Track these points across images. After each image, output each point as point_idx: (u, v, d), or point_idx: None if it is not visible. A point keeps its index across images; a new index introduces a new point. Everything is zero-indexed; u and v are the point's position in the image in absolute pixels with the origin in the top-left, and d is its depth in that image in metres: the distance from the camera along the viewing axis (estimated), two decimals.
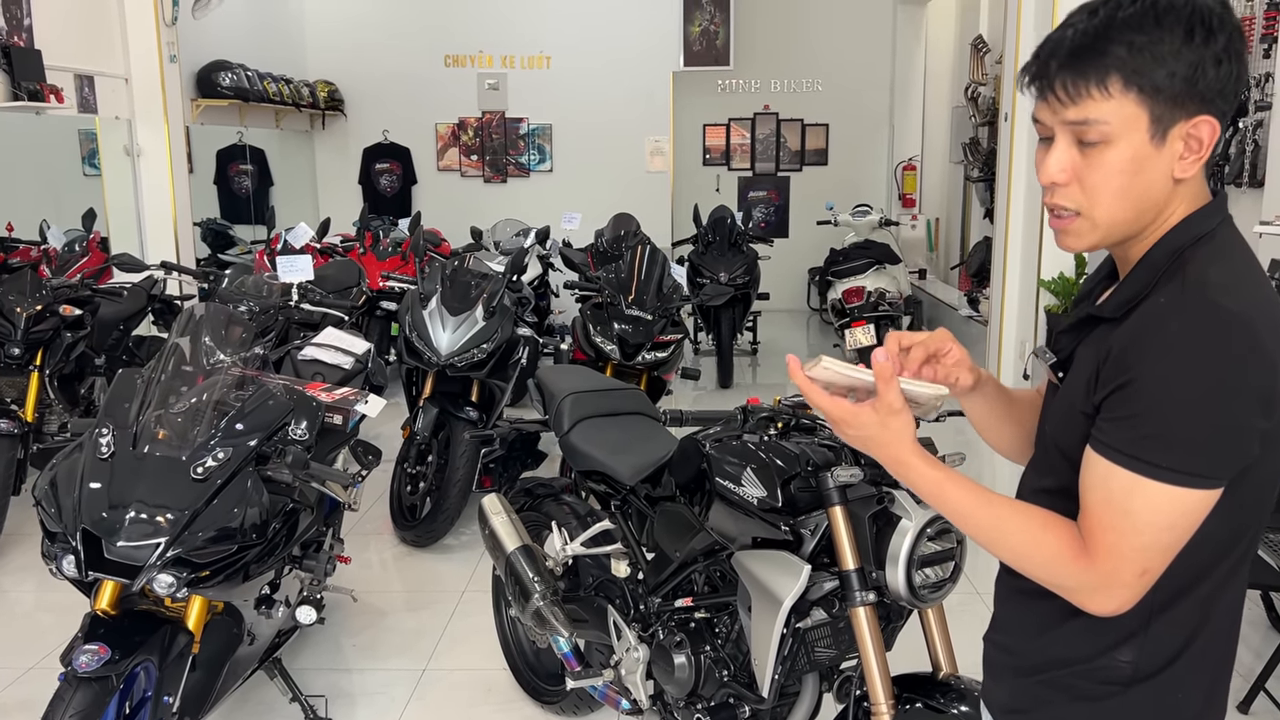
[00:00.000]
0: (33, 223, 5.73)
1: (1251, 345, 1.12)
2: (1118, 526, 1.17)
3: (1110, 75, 1.16)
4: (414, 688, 3.39)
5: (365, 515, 4.84)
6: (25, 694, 3.30)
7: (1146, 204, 1.21)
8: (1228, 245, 1.23)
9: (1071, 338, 1.32)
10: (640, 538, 2.71)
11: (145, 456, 2.45)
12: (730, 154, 11.10)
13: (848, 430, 1.31)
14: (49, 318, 4.50)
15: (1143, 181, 1.19)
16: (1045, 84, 1.21)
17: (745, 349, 8.70)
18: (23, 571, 4.25)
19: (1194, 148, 1.19)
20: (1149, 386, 1.14)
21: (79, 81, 5.94)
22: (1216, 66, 1.16)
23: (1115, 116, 1.17)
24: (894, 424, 1.29)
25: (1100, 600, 1.20)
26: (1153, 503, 1.15)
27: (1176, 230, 1.23)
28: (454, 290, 4.72)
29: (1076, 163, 1.21)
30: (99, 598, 2.41)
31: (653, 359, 5.15)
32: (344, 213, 8.94)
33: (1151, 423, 1.14)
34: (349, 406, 3.01)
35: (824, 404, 1.31)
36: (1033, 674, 1.33)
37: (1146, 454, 1.14)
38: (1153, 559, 1.18)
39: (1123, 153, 1.18)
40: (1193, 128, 1.17)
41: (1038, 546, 1.23)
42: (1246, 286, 1.18)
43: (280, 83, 8.24)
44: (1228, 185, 5.54)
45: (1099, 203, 1.21)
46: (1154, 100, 1.16)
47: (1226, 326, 1.13)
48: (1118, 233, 1.24)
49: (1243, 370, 1.12)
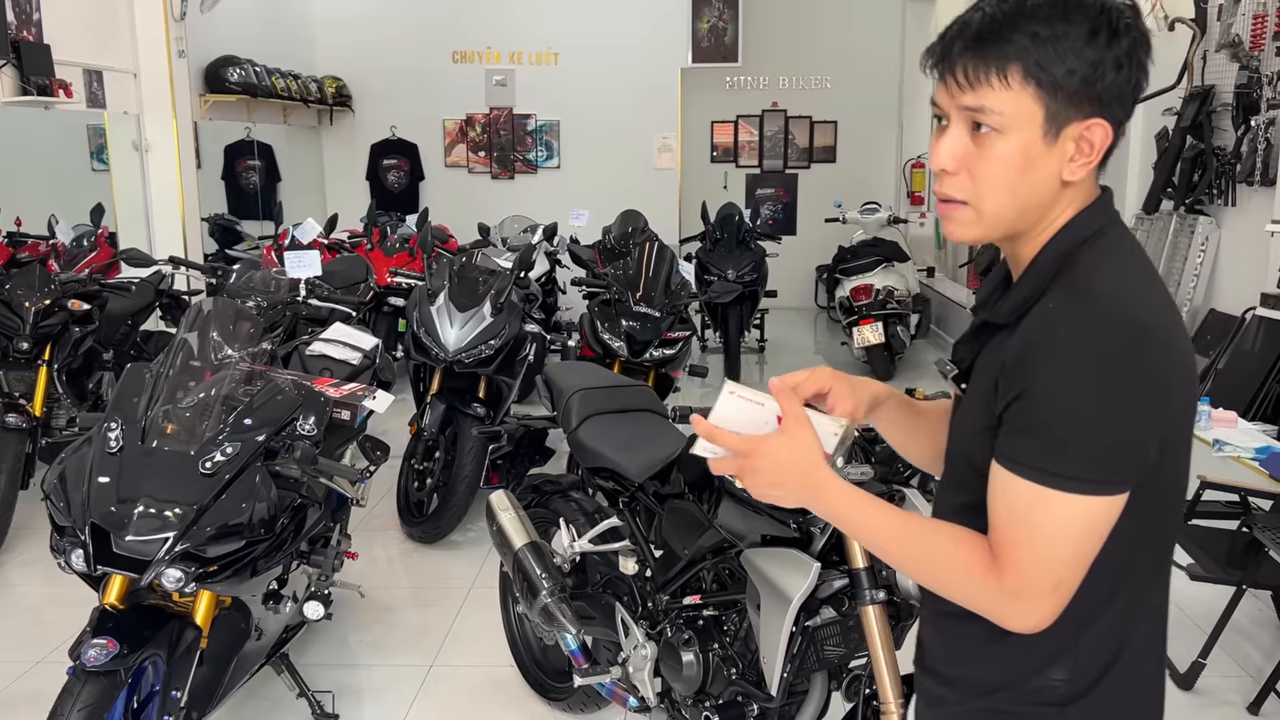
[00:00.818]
0: (41, 217, 5.74)
1: (1142, 350, 1.11)
2: (1024, 540, 1.14)
3: (1011, 65, 1.14)
4: (421, 684, 3.39)
5: (372, 511, 4.84)
6: (33, 687, 3.31)
7: (1033, 202, 1.19)
8: (1116, 245, 1.21)
9: (970, 347, 1.30)
10: (648, 535, 2.70)
11: (154, 451, 2.45)
12: (738, 151, 11.08)
13: (758, 462, 1.24)
14: (57, 312, 4.50)
15: (1031, 179, 1.17)
16: (946, 67, 1.18)
17: (752, 346, 8.69)
18: (31, 565, 4.26)
19: (1085, 150, 1.17)
20: (1043, 397, 1.11)
21: (88, 76, 5.94)
22: (1117, 70, 1.15)
23: (1010, 108, 1.15)
24: (802, 436, 1.25)
25: (1017, 616, 1.17)
26: (1057, 514, 1.12)
27: (1064, 232, 1.21)
28: (462, 286, 4.71)
29: (969, 151, 1.18)
30: (107, 592, 2.41)
31: (660, 356, 5.14)
32: (351, 208, 8.93)
33: (1050, 434, 1.12)
34: (357, 402, 3.01)
35: (731, 441, 1.27)
36: (968, 701, 1.29)
37: (1047, 465, 1.12)
38: (1064, 571, 1.14)
39: (1014, 146, 1.16)
40: (1086, 130, 1.16)
41: (949, 564, 1.20)
42: (1136, 288, 1.17)
43: (288, 78, 8.24)
44: (1240, 184, 5.51)
45: (985, 195, 1.19)
46: (1051, 96, 1.14)
47: (1116, 333, 1.11)
48: (1001, 228, 1.22)
49: (1134, 377, 1.10)
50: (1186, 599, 3.88)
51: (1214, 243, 5.83)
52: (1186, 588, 3.66)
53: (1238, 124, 5.43)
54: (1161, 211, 6.29)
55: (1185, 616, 3.81)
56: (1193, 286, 5.88)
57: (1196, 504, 3.63)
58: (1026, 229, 1.22)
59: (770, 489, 1.26)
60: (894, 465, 2.08)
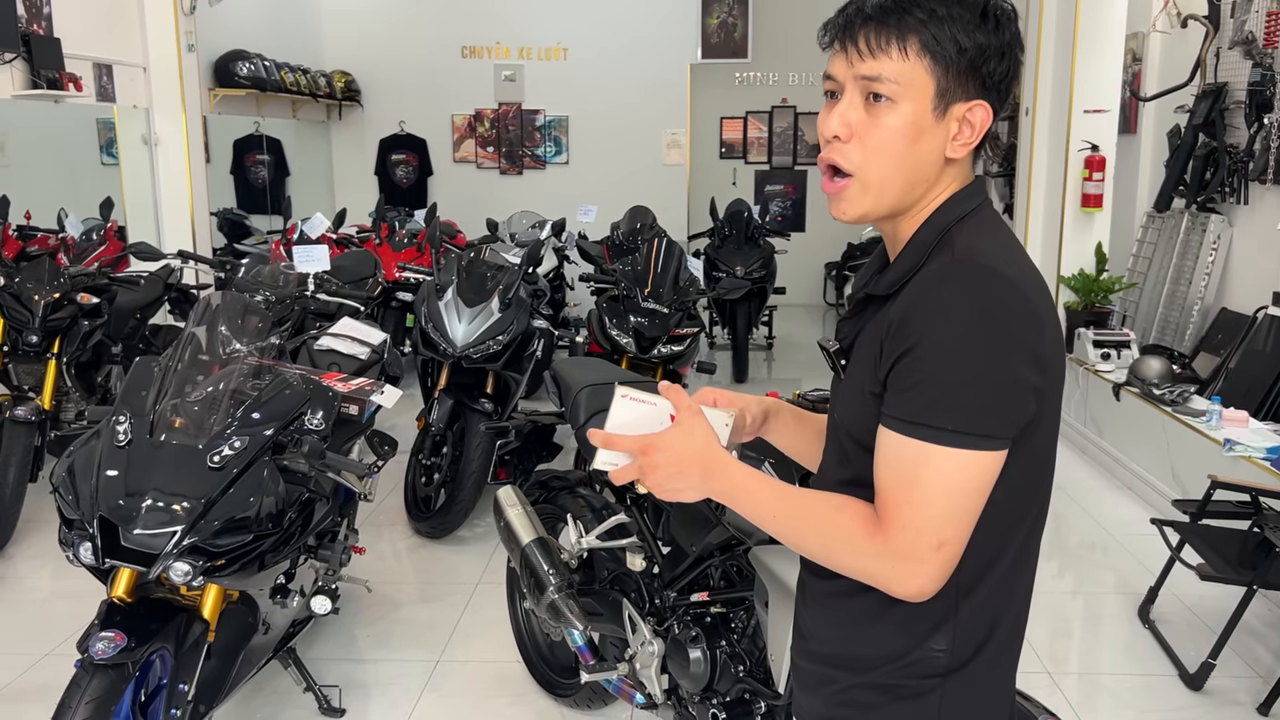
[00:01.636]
0: (51, 211, 5.75)
1: (1022, 304, 1.17)
2: (909, 499, 1.17)
3: (910, 36, 1.20)
4: (427, 679, 3.39)
5: (379, 506, 4.85)
6: (41, 680, 3.31)
7: (918, 175, 1.25)
8: (990, 221, 1.28)
9: (852, 324, 1.35)
10: (656, 531, 2.70)
11: (162, 445, 2.45)
12: (747, 147, 11.06)
13: (657, 457, 1.26)
14: (66, 305, 4.51)
15: (918, 151, 1.23)
16: (849, 36, 1.23)
17: (760, 343, 8.68)
18: (39, 558, 4.27)
19: (967, 131, 1.24)
20: (928, 352, 1.15)
21: (97, 70, 5.95)
22: (1000, 58, 1.22)
23: (906, 78, 1.21)
24: (696, 425, 1.28)
25: (904, 580, 1.18)
26: (941, 469, 1.15)
27: (943, 209, 1.27)
28: (470, 282, 4.71)
29: (861, 120, 1.23)
30: (115, 585, 2.41)
31: (668, 352, 5.13)
32: (360, 203, 8.94)
33: (933, 388, 1.15)
34: (365, 397, 3.00)
35: (630, 444, 1.28)
36: (849, 678, 1.31)
37: (931, 419, 1.15)
38: (947, 529, 1.17)
39: (906, 116, 1.21)
40: (969, 110, 1.23)
41: (835, 531, 1.22)
42: (1008, 253, 1.23)
43: (297, 73, 8.25)
44: (1252, 182, 5.48)
45: (872, 164, 1.24)
46: (943, 72, 1.21)
47: (997, 287, 1.16)
48: (886, 202, 1.26)
49: (1015, 328, 1.15)
50: (1196, 599, 3.86)
51: (1226, 241, 5.80)
52: (1197, 587, 3.65)
53: (1250, 122, 5.40)
54: (1173, 210, 6.26)
55: (1195, 617, 3.79)
56: (1204, 285, 5.85)
57: (1207, 503, 3.62)
58: (909, 206, 1.27)
59: (672, 482, 1.27)
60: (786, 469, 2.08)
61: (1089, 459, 5.69)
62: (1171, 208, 6.27)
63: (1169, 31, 6.26)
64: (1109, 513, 4.92)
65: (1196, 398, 4.86)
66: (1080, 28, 5.94)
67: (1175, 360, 5.42)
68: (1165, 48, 6.52)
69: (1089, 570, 4.37)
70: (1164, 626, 3.70)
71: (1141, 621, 3.77)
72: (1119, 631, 3.76)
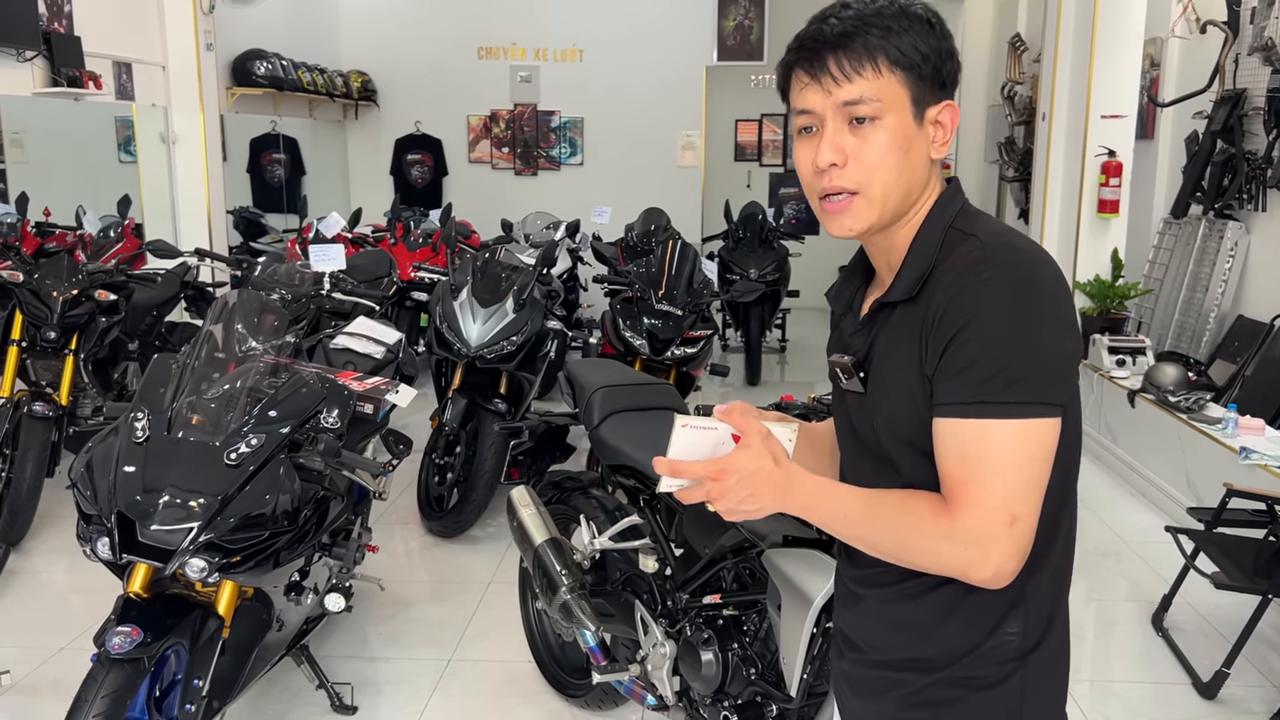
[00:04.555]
0: (69, 208, 5.79)
1: (1058, 278, 1.22)
2: (976, 478, 1.18)
3: (879, 54, 1.25)
4: (439, 677, 3.40)
5: (392, 505, 4.86)
6: (57, 673, 3.34)
7: (915, 181, 1.30)
8: (983, 213, 1.34)
9: (864, 336, 1.37)
10: (669, 533, 2.70)
11: (179, 441, 2.47)
12: (762, 150, 11.05)
13: (728, 480, 1.22)
14: (84, 302, 4.54)
15: (911, 159, 1.28)
16: (819, 66, 1.27)
17: (773, 346, 8.66)
18: (55, 552, 4.30)
19: (942, 131, 1.30)
20: (979, 332, 1.18)
21: (117, 68, 5.99)
22: (950, 59, 1.30)
23: (885, 94, 1.25)
24: (764, 445, 1.24)
25: (980, 561, 1.19)
26: (1005, 443, 1.17)
27: (935, 212, 1.32)
28: (485, 282, 4.72)
29: (850, 144, 1.27)
30: (132, 580, 2.43)
31: (682, 354, 5.14)
32: (375, 203, 8.97)
33: (988, 365, 1.17)
34: (380, 396, 3.01)
35: (698, 470, 1.24)
36: (923, 678, 1.31)
37: (989, 395, 1.17)
38: (1017, 502, 1.18)
39: (893, 129, 1.26)
40: (939, 112, 1.30)
41: (905, 519, 1.22)
42: (1017, 234, 1.29)
43: (314, 72, 8.28)
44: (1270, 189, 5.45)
45: (876, 179, 1.27)
46: (915, 81, 1.26)
47: (1036, 264, 1.22)
48: (890, 210, 1.30)
49: (1057, 300, 1.21)
50: (1211, 607, 3.84)
51: (1243, 248, 5.76)
52: (1211, 596, 3.63)
53: (1269, 129, 5.36)
54: (1190, 216, 6.22)
55: (1209, 625, 3.77)
56: (1220, 292, 5.82)
57: (1222, 511, 3.60)
58: (905, 212, 1.31)
59: (745, 504, 1.23)
60: None
61: (1104, 465, 5.66)
62: (1189, 214, 6.24)
63: (1187, 37, 6.23)
64: (1123, 520, 4.90)
65: (1212, 405, 4.83)
66: (1098, 32, 5.92)
67: (1191, 367, 5.39)
68: (1184, 53, 6.49)
69: (1102, 577, 4.35)
70: (1178, 635, 3.68)
71: (1155, 629, 3.76)
72: (1132, 639, 3.75)
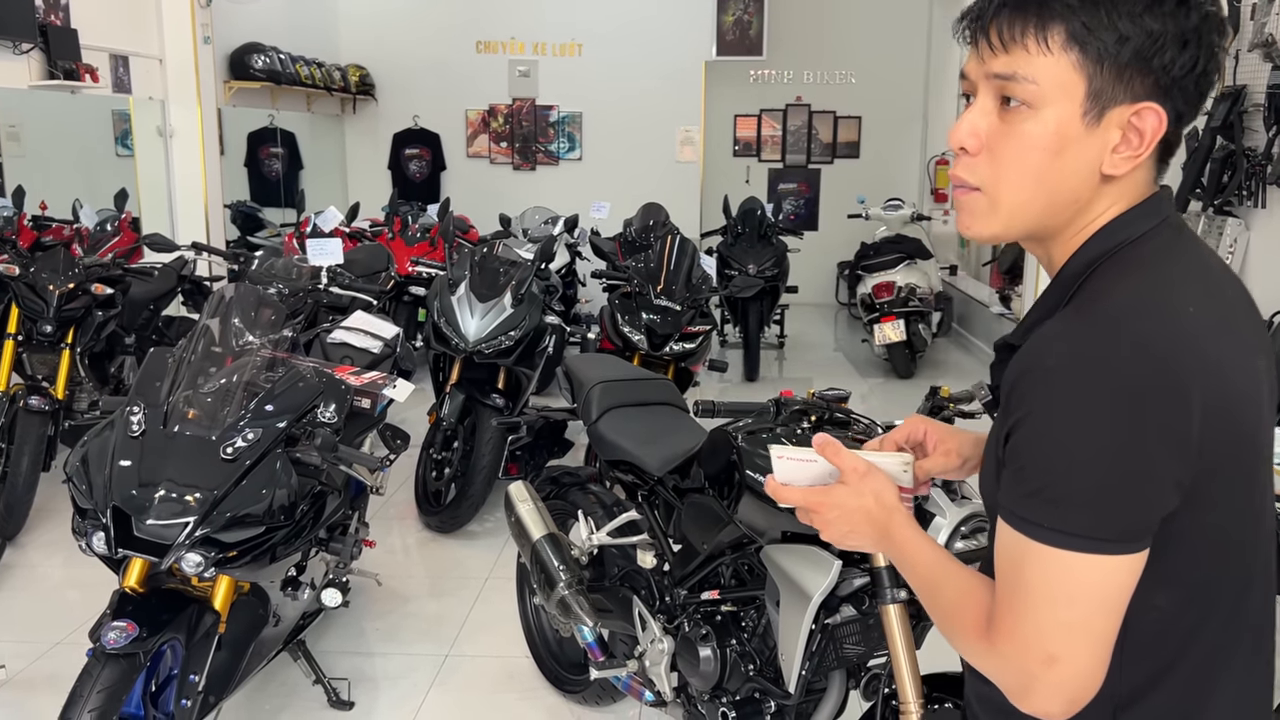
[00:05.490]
0: (66, 201, 5.77)
1: (1156, 373, 0.92)
2: (1014, 603, 0.99)
3: (1053, 25, 0.98)
4: (436, 673, 3.39)
5: (389, 500, 4.85)
6: (52, 668, 3.33)
7: (1062, 196, 1.02)
8: (1158, 251, 1.02)
9: (997, 373, 1.12)
10: (667, 529, 2.69)
11: (175, 436, 2.46)
12: (761, 145, 11.04)
13: (829, 515, 1.18)
14: (81, 296, 4.52)
15: (1062, 166, 1.01)
16: (980, 26, 1.02)
17: (772, 342, 8.66)
18: (51, 547, 4.29)
19: (1133, 141, 1.00)
20: (1031, 432, 0.96)
21: (114, 61, 5.97)
22: (1180, 48, 0.97)
23: (1046, 77, 0.98)
24: (865, 486, 1.17)
25: (1019, 693, 1.00)
26: (1043, 572, 0.96)
27: (1100, 235, 1.03)
28: (483, 277, 4.71)
29: (993, 128, 1.03)
30: (128, 575, 2.42)
31: (680, 350, 5.13)
32: (373, 198, 8.95)
33: (1035, 476, 0.96)
34: (377, 390, 3.01)
35: (798, 498, 1.21)
36: None
37: (1029, 513, 0.96)
38: (1058, 644, 0.96)
39: (1046, 124, 1.00)
40: (1135, 115, 0.99)
41: (956, 619, 1.07)
42: (1159, 301, 0.97)
43: (312, 66, 8.26)
44: (1270, 185, 5.45)
45: (1005, 180, 1.02)
46: (1096, 68, 0.98)
47: (1121, 353, 0.93)
48: (1020, 224, 1.05)
49: (1141, 406, 0.92)
50: None
51: (1242, 245, 5.76)
52: None
53: (1269, 125, 5.35)
54: (1189, 212, 6.22)
55: None
56: None
57: None
58: (1056, 230, 1.05)
59: (845, 539, 1.20)
60: None
61: None
62: (1188, 210, 6.23)
63: None
64: None
65: None
66: None
67: None
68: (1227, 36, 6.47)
69: None
70: None
71: None
72: None
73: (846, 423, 2.23)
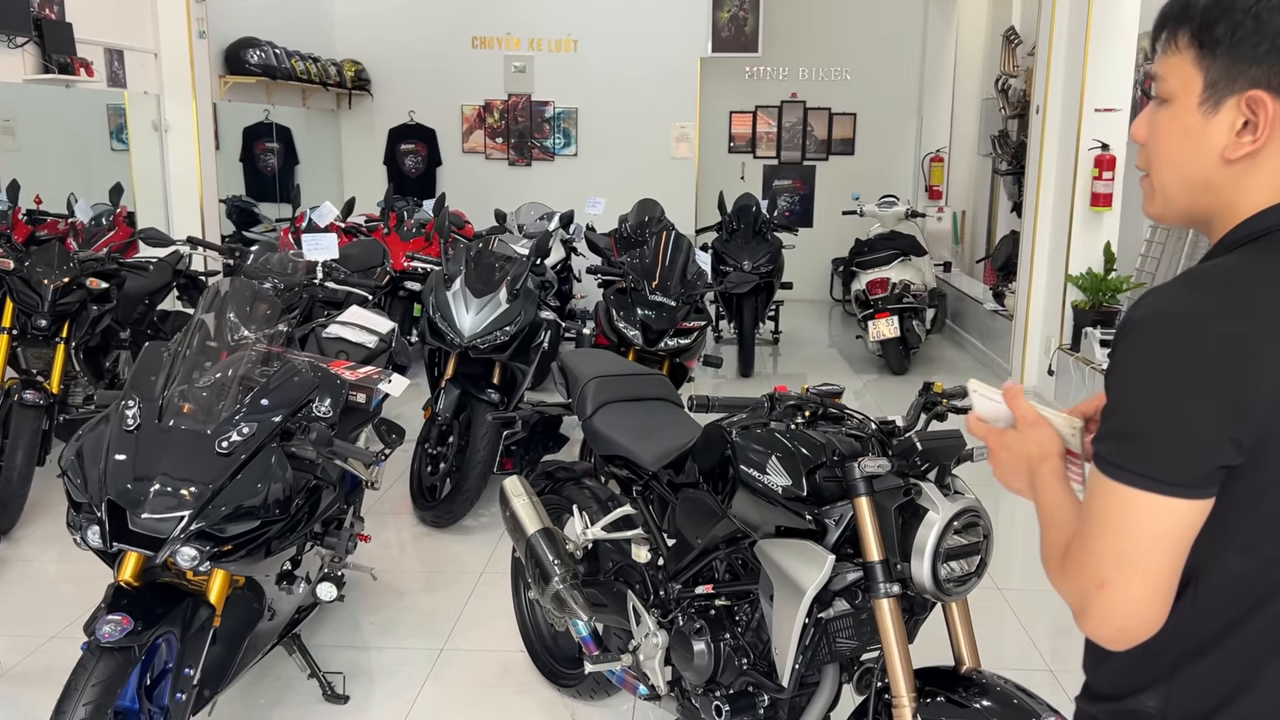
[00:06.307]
0: (61, 196, 5.76)
1: (1228, 335, 1.03)
2: (1082, 530, 1.13)
3: (1183, 28, 1.12)
4: (431, 667, 3.40)
5: (384, 495, 4.86)
6: (47, 662, 3.33)
7: (1195, 181, 1.14)
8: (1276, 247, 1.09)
9: None
10: (661, 524, 2.70)
11: (170, 430, 2.46)
12: (756, 142, 11.04)
13: (1000, 455, 1.30)
14: (76, 290, 4.52)
15: (1189, 153, 1.13)
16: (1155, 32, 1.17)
17: (767, 338, 8.67)
18: (46, 541, 4.29)
19: (1253, 127, 1.08)
20: (1113, 373, 1.10)
21: (109, 55, 5.96)
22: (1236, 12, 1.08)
23: (1174, 74, 1.13)
24: (1032, 436, 1.27)
25: (1078, 614, 1.12)
26: (1108, 503, 1.08)
27: (1246, 223, 1.11)
28: (478, 272, 4.71)
29: (1150, 122, 1.19)
30: (122, 569, 2.42)
31: (675, 345, 5.14)
32: (369, 193, 8.94)
33: (1111, 415, 1.10)
34: (372, 385, 3.01)
35: (980, 432, 1.34)
36: (1087, 705, 1.27)
37: (1105, 449, 1.09)
38: (1110, 570, 1.08)
39: (1175, 115, 1.13)
40: (1249, 101, 1.08)
41: (1049, 547, 1.20)
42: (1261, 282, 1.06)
43: (308, 61, 8.25)
44: None
45: (1154, 166, 1.18)
46: (1210, 59, 1.09)
47: (1187, 319, 1.05)
48: (1174, 207, 1.19)
49: (1199, 365, 1.03)
50: None
51: None
52: None
53: None
54: None
55: None
56: None
57: None
58: (1209, 215, 1.16)
59: (1008, 479, 1.30)
60: (910, 459, 2.07)
61: None
62: None
63: None
64: None
65: None
66: (1092, 26, 5.92)
67: None
68: None
69: None
70: None
71: None
72: None
73: (840, 418, 2.24)
